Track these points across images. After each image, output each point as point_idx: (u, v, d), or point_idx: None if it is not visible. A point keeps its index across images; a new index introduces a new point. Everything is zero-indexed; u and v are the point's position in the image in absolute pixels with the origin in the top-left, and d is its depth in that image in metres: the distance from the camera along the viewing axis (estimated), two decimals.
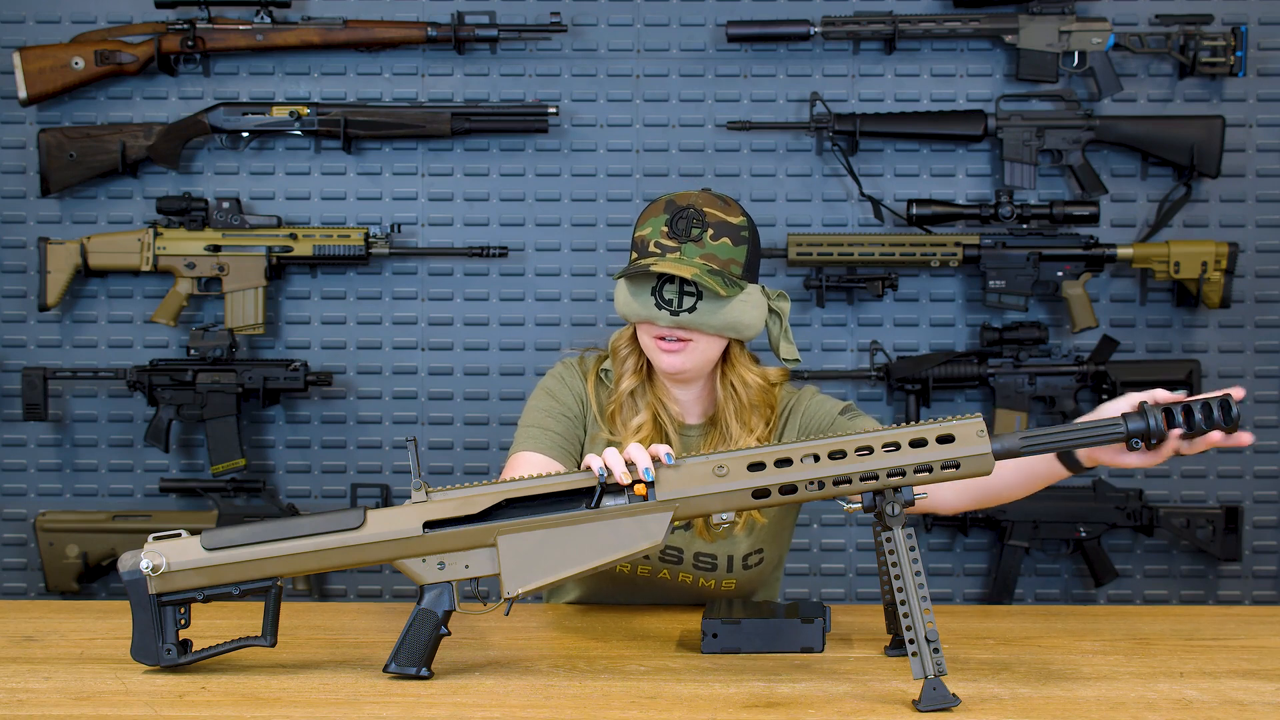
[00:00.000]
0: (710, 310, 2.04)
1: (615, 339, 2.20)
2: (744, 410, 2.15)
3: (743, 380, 2.15)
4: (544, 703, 1.63)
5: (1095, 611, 2.29)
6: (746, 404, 2.15)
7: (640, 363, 2.17)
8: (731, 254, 2.07)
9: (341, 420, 3.44)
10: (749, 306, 2.09)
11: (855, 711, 1.58)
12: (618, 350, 2.18)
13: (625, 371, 2.17)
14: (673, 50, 3.41)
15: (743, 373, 2.15)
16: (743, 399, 2.15)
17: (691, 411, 2.20)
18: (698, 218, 2.06)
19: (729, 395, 2.15)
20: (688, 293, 2.03)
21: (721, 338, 2.10)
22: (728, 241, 2.07)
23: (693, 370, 2.11)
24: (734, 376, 2.15)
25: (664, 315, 2.04)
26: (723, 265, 2.05)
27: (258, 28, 3.32)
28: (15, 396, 3.40)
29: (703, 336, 2.07)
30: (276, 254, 3.32)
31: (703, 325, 2.05)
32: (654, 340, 2.09)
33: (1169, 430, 1.71)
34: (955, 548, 3.42)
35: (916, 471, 1.67)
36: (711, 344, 2.09)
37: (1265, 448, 3.40)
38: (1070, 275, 3.28)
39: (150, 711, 1.61)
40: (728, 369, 2.15)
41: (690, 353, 2.08)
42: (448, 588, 1.75)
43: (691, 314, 2.03)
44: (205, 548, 1.76)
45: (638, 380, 2.17)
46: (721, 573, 2.18)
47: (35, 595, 3.40)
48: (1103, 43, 3.29)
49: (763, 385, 2.17)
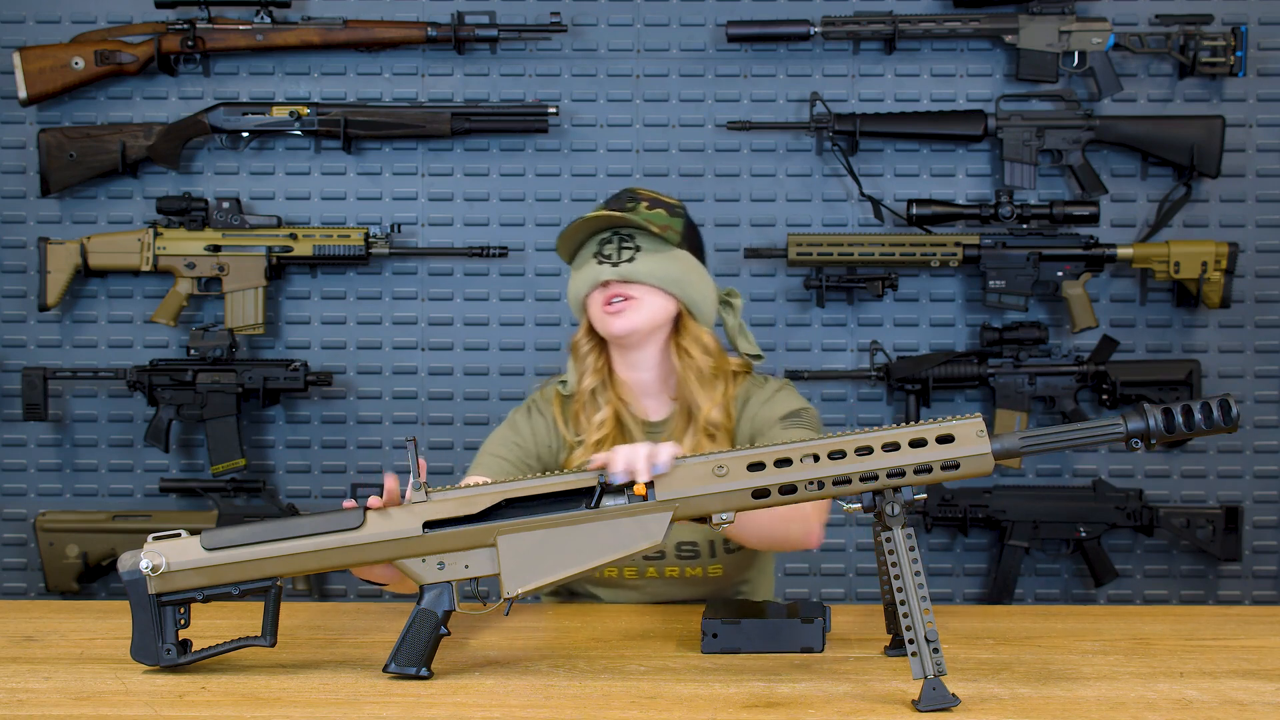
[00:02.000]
0: (651, 260, 2.13)
1: (572, 340, 2.27)
2: (704, 378, 2.19)
3: (700, 343, 2.19)
4: (544, 703, 1.63)
5: (1095, 611, 2.29)
6: (705, 370, 2.19)
7: (600, 360, 2.23)
8: (668, 222, 2.17)
9: (341, 420, 3.44)
10: (691, 270, 2.18)
11: (855, 711, 1.58)
12: (579, 347, 2.25)
13: (586, 369, 2.23)
14: (673, 50, 3.41)
15: (699, 335, 2.20)
16: (702, 365, 2.19)
17: (653, 403, 2.24)
18: (630, 195, 2.20)
19: (687, 364, 2.19)
20: (626, 246, 2.14)
21: (666, 295, 2.15)
22: (663, 212, 2.18)
23: (640, 329, 2.15)
24: (688, 341, 2.19)
25: (605, 269, 2.13)
26: (660, 228, 2.15)
27: (258, 28, 3.32)
28: (15, 396, 3.40)
29: (646, 292, 2.14)
30: (276, 254, 3.32)
31: (645, 275, 2.13)
32: (601, 308, 2.15)
33: (1168, 431, 1.71)
34: (955, 548, 3.42)
35: (916, 472, 1.67)
36: (656, 303, 2.15)
37: (1265, 448, 3.40)
38: (1070, 275, 3.28)
39: (150, 711, 1.61)
40: (681, 336, 2.20)
41: (636, 309, 2.14)
42: (447, 588, 1.75)
43: (632, 264, 2.13)
44: (205, 548, 1.76)
45: (598, 378, 2.22)
46: (705, 558, 2.21)
47: (35, 595, 3.40)
48: (1103, 43, 3.29)
49: (720, 352, 2.22)
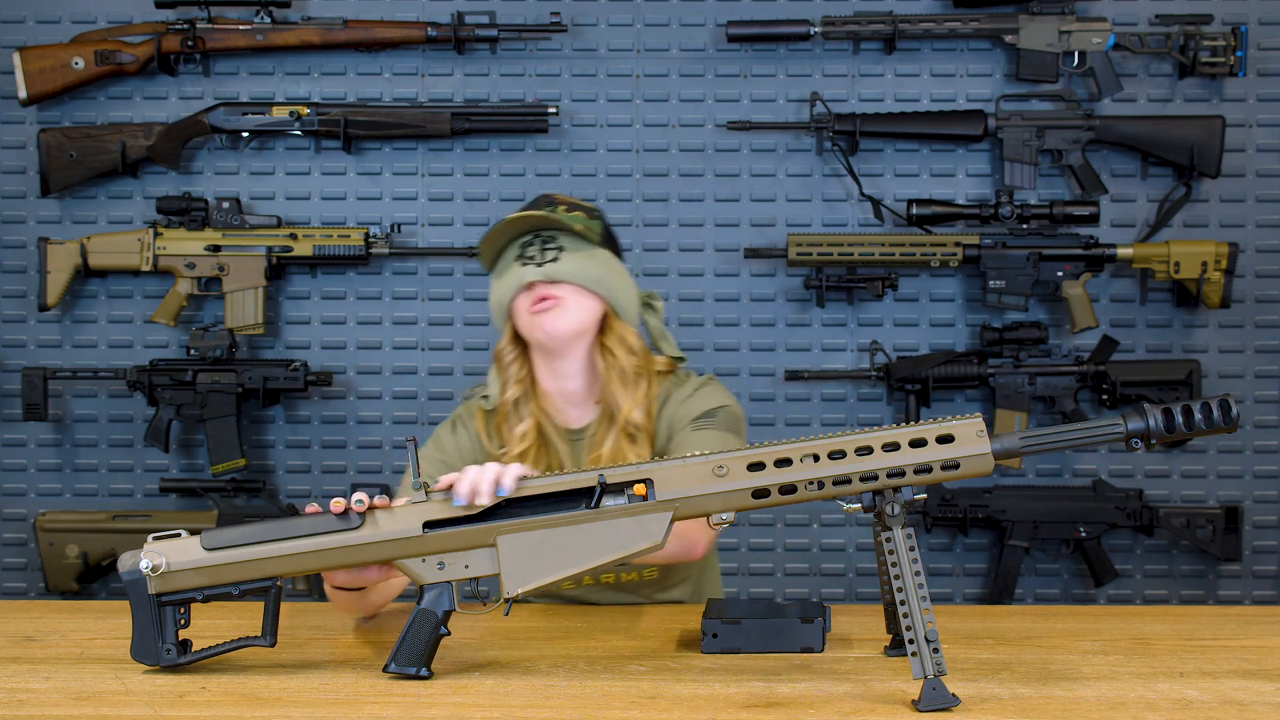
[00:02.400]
0: (575, 260, 2.13)
1: (495, 349, 2.26)
2: (627, 378, 2.18)
3: (623, 343, 2.19)
4: (544, 703, 1.63)
5: (1095, 611, 2.29)
6: (629, 371, 2.19)
7: (523, 370, 2.22)
8: (587, 224, 2.17)
9: (341, 420, 3.44)
10: (616, 271, 2.19)
11: (855, 711, 1.58)
12: (502, 356, 2.23)
13: (509, 379, 2.22)
14: (673, 50, 3.41)
15: (623, 334, 2.20)
16: (625, 365, 2.18)
17: (577, 411, 2.23)
18: (548, 199, 2.19)
19: (610, 363, 2.19)
20: (549, 247, 2.13)
21: (592, 296, 2.15)
22: (582, 214, 2.18)
23: (569, 330, 2.14)
24: (612, 341, 2.19)
25: (530, 270, 2.12)
26: (582, 229, 2.16)
27: (258, 28, 3.32)
28: (15, 396, 3.40)
29: (572, 292, 2.13)
30: (276, 254, 3.32)
31: (570, 275, 2.12)
32: (528, 312, 2.14)
33: (1168, 431, 1.71)
34: (955, 548, 3.42)
35: (916, 472, 1.66)
36: (583, 303, 2.15)
37: (1265, 448, 3.40)
38: (1070, 275, 3.28)
39: (150, 711, 1.61)
40: (606, 338, 2.19)
41: (563, 310, 2.13)
42: (448, 588, 1.75)
43: (556, 264, 2.12)
44: (205, 548, 1.76)
45: (521, 389, 2.22)
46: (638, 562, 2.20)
47: (35, 595, 3.40)
48: (1103, 43, 3.29)
49: (644, 350, 2.22)
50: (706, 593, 2.33)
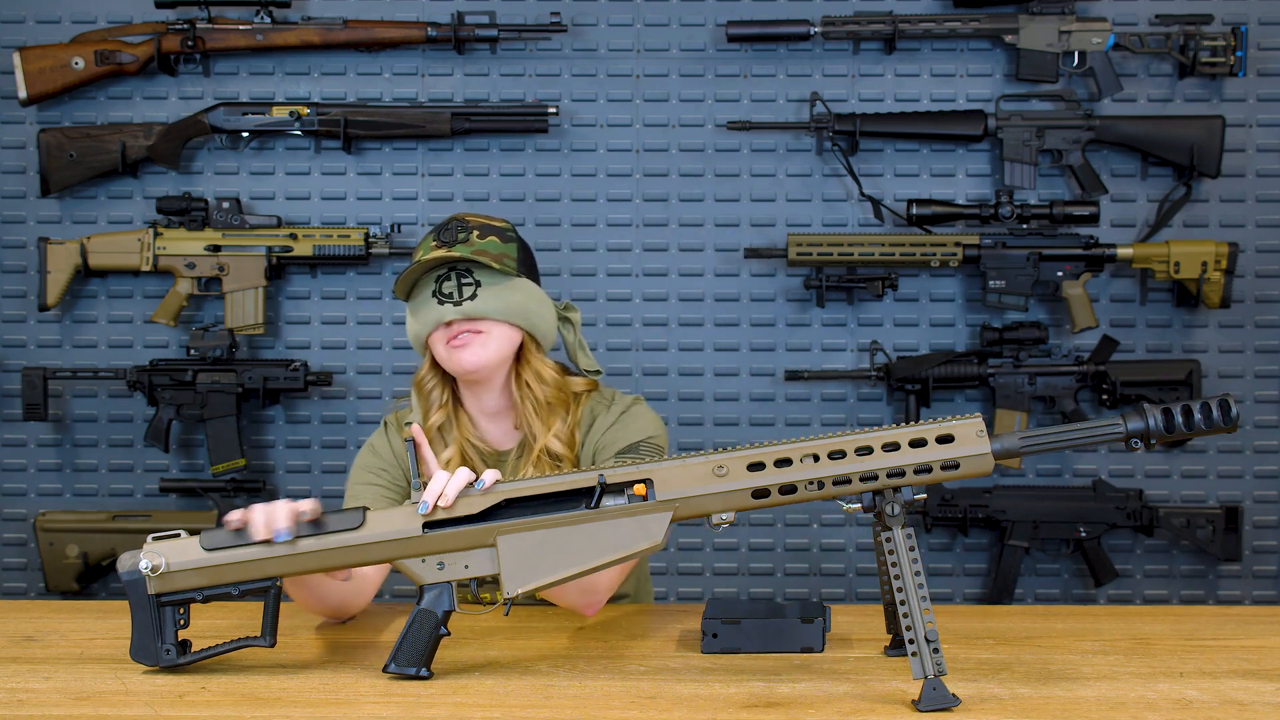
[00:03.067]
0: (493, 295, 2.10)
1: (415, 378, 2.24)
2: (541, 408, 2.18)
3: (537, 375, 2.18)
4: (544, 703, 1.63)
5: (1095, 611, 2.29)
6: (543, 401, 2.18)
7: (445, 395, 2.21)
8: (502, 249, 2.14)
9: (341, 420, 3.44)
10: (533, 298, 2.16)
11: (855, 711, 1.58)
12: (423, 385, 2.22)
13: (432, 405, 2.21)
14: (673, 50, 3.41)
15: (538, 368, 2.18)
16: (538, 395, 2.18)
17: (500, 433, 2.23)
18: (460, 224, 2.14)
19: (525, 395, 2.18)
20: (465, 283, 2.10)
21: (511, 326, 2.14)
22: (495, 239, 2.14)
23: (489, 363, 2.13)
24: (527, 374, 2.18)
25: (448, 309, 2.09)
26: (495, 258, 2.12)
27: (258, 28, 3.32)
28: (15, 396, 3.40)
29: (493, 326, 2.12)
30: (276, 254, 3.32)
31: (489, 311, 2.10)
32: (446, 345, 2.12)
33: (1168, 431, 1.71)
34: (955, 548, 3.42)
35: (916, 472, 1.67)
36: (503, 335, 2.13)
37: (1265, 448, 3.40)
38: (1070, 275, 3.28)
39: (150, 711, 1.61)
40: (522, 368, 2.18)
41: (483, 344, 2.11)
42: (447, 588, 1.75)
43: (475, 301, 2.10)
44: (204, 548, 1.76)
45: (444, 415, 2.21)
46: None
47: (35, 595, 3.40)
48: (1103, 43, 3.29)
49: (558, 380, 2.20)
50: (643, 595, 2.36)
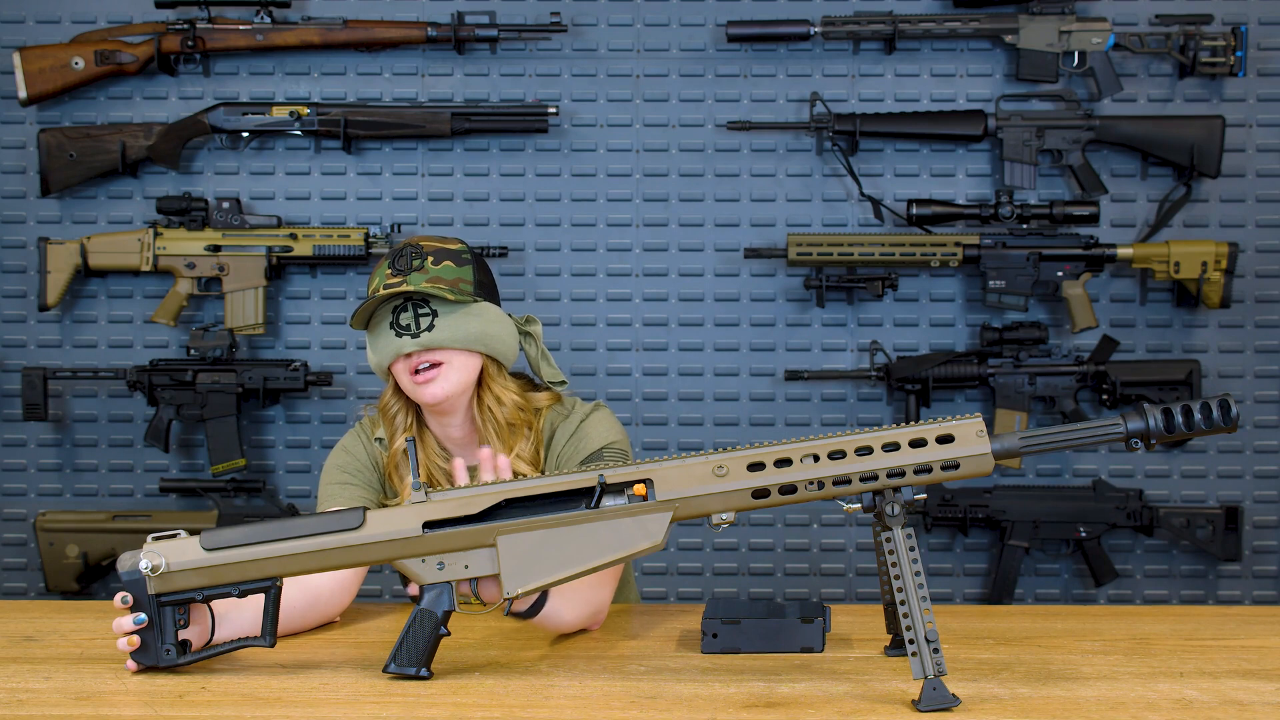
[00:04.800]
0: (450, 324, 2.09)
1: (380, 404, 2.24)
2: (502, 430, 2.17)
3: (497, 399, 2.17)
4: (544, 703, 1.63)
5: (1095, 611, 2.29)
6: (504, 423, 2.17)
7: (409, 419, 2.21)
8: (457, 274, 2.12)
9: (341, 420, 3.44)
10: (491, 321, 2.14)
11: (855, 711, 1.58)
12: (387, 410, 2.22)
13: (396, 429, 2.21)
14: (673, 50, 3.41)
15: (498, 392, 2.17)
16: (499, 418, 2.17)
17: (466, 453, 2.22)
18: (415, 251, 2.12)
19: (487, 418, 2.17)
20: (422, 314, 2.09)
21: (472, 353, 2.13)
22: (450, 264, 2.12)
23: (452, 394, 2.12)
24: (488, 398, 2.17)
25: (407, 341, 2.08)
26: (450, 284, 2.10)
27: (258, 28, 3.32)
28: (15, 396, 3.40)
29: (454, 355, 2.11)
30: (276, 254, 3.32)
31: (447, 341, 2.09)
32: (410, 377, 2.11)
33: (1168, 431, 1.71)
34: (955, 548, 3.42)
35: (916, 472, 1.67)
36: (465, 363, 2.12)
37: (1265, 448, 3.40)
38: (1070, 275, 3.28)
39: (150, 711, 1.61)
40: (482, 391, 2.18)
41: (446, 377, 2.10)
42: (447, 588, 1.75)
43: (432, 332, 2.08)
44: (204, 548, 1.76)
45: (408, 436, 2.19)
46: None
47: (35, 595, 3.40)
48: (1103, 43, 3.29)
49: (519, 402, 2.19)
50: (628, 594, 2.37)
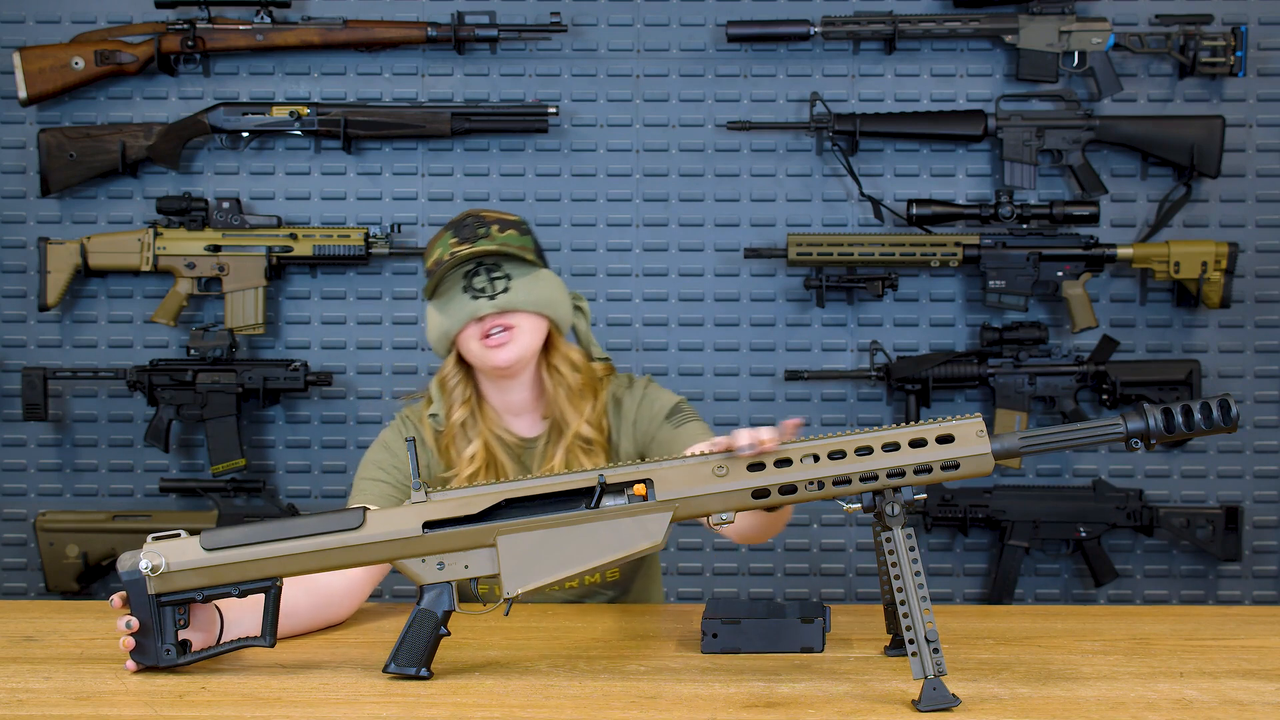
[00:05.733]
0: (524, 287, 2.12)
1: (437, 377, 2.25)
2: (573, 394, 2.20)
3: (568, 361, 2.21)
4: (544, 703, 1.63)
5: (1095, 611, 2.29)
6: (575, 387, 2.20)
7: (468, 391, 2.22)
8: (521, 242, 2.16)
9: (341, 420, 3.44)
10: (556, 288, 2.19)
11: (855, 711, 1.58)
12: (445, 383, 2.23)
13: (455, 402, 2.22)
14: (673, 50, 3.41)
15: (567, 353, 2.22)
16: (571, 382, 2.20)
17: (525, 422, 2.24)
18: (478, 220, 2.16)
19: (557, 381, 2.20)
20: (496, 276, 2.12)
21: (540, 318, 2.16)
22: (514, 233, 2.17)
23: (523, 359, 2.15)
24: (558, 360, 2.21)
25: (483, 304, 2.11)
26: (519, 250, 2.14)
27: (258, 28, 3.32)
28: (15, 396, 3.40)
29: (525, 318, 2.13)
30: (276, 254, 3.32)
31: (523, 303, 2.12)
32: (480, 342, 2.13)
33: (1168, 431, 1.71)
34: (955, 548, 3.42)
35: (916, 472, 1.67)
36: (534, 327, 2.15)
37: (1265, 448, 3.40)
38: (1070, 275, 3.28)
39: (150, 711, 1.61)
40: (551, 356, 2.21)
41: (517, 340, 2.13)
42: (447, 588, 1.75)
43: (508, 294, 2.11)
44: (204, 548, 1.76)
45: (467, 410, 2.22)
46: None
47: (35, 595, 3.40)
48: (1103, 43, 3.29)
49: (587, 365, 2.23)
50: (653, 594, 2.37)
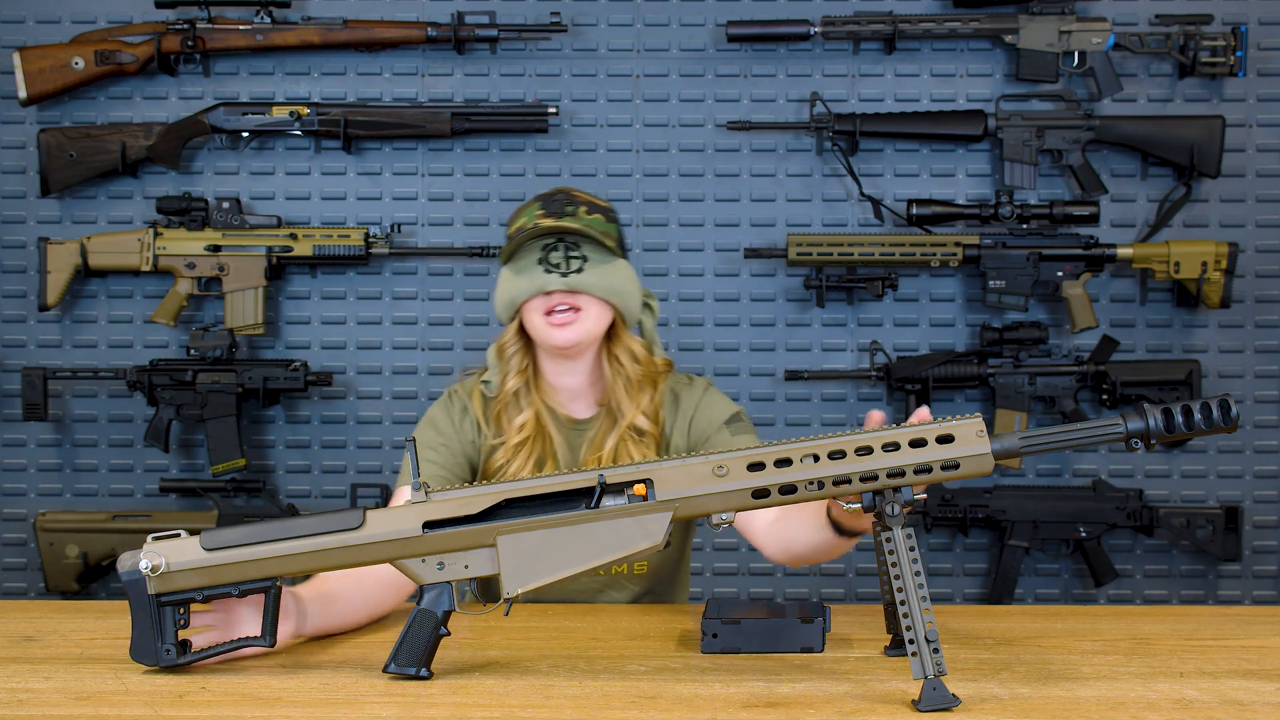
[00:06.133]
0: (598, 272, 2.13)
1: (497, 343, 2.25)
2: (632, 385, 2.21)
3: (630, 352, 2.21)
4: (544, 703, 1.63)
5: (1095, 611, 2.29)
6: (634, 379, 2.21)
7: (525, 361, 2.23)
8: (606, 228, 2.16)
9: (341, 420, 3.44)
10: (629, 280, 2.19)
11: (855, 711, 1.58)
12: (504, 350, 2.23)
13: (510, 370, 2.22)
14: (673, 50, 3.41)
15: (629, 344, 2.22)
16: (630, 374, 2.21)
17: (580, 404, 2.25)
18: (568, 198, 2.17)
19: (617, 370, 2.21)
20: (573, 255, 2.12)
21: (608, 306, 2.16)
22: (600, 217, 2.17)
23: (585, 341, 2.16)
24: (619, 350, 2.21)
25: (554, 279, 2.11)
26: (601, 235, 2.14)
27: (258, 28, 3.32)
28: (15, 396, 3.40)
29: (591, 303, 2.14)
30: (276, 254, 3.32)
31: (593, 287, 2.12)
32: (544, 317, 2.14)
33: (1168, 431, 1.71)
34: (955, 548, 3.42)
35: (916, 472, 1.66)
36: (599, 313, 2.16)
37: (1265, 448, 3.40)
38: (1070, 275, 3.28)
39: (150, 711, 1.61)
40: (613, 344, 2.21)
41: (581, 322, 2.14)
42: (447, 588, 1.75)
43: (580, 275, 2.12)
44: (204, 548, 1.76)
45: (521, 380, 2.22)
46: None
47: (35, 595, 3.40)
48: (1103, 43, 3.29)
49: (648, 358, 2.23)
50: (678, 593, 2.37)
